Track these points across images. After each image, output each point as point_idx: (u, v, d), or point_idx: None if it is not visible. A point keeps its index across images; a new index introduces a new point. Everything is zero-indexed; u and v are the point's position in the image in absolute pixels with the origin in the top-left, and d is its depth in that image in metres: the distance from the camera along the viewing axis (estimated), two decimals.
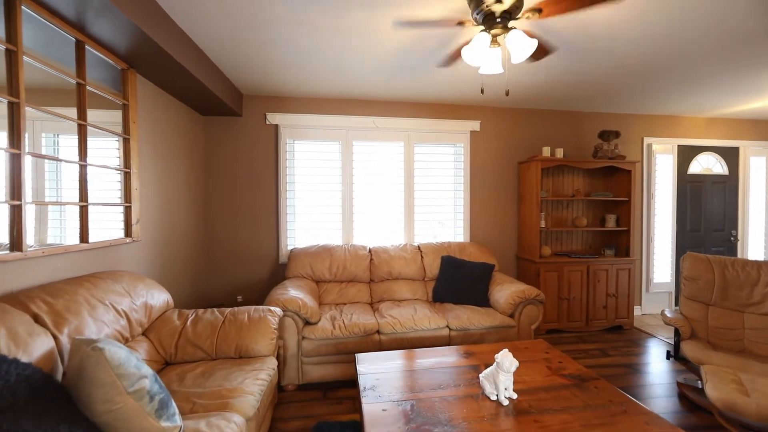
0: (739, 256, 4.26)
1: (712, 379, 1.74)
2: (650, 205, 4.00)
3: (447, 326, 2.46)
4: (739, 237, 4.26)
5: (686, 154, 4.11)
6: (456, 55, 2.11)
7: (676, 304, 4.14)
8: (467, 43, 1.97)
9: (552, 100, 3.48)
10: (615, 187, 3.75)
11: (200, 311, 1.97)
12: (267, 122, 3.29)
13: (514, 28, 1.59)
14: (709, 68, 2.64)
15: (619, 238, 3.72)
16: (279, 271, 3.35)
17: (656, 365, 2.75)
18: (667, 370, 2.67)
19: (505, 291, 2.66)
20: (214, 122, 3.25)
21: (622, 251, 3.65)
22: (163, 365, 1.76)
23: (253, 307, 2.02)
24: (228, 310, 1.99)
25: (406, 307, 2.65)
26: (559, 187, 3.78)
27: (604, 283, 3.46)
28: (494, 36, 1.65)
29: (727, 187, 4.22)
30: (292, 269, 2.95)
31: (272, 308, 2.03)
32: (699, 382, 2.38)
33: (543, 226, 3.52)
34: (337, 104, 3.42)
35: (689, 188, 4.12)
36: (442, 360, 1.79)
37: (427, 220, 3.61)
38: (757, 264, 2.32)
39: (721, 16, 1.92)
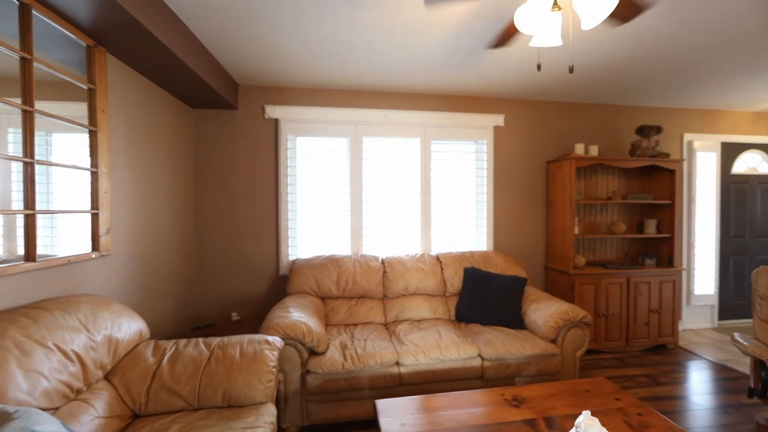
0: None
1: None
2: (691, 208, 3.60)
3: (479, 355, 2.07)
4: None
5: (730, 153, 3.72)
6: (510, 32, 1.70)
7: (720, 318, 3.74)
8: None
9: (585, 92, 3.09)
10: (654, 188, 3.36)
11: (181, 344, 1.58)
12: (266, 116, 2.92)
13: None
14: (757, 55, 2.26)
15: (660, 246, 3.32)
16: (279, 284, 2.97)
17: (722, 398, 2.35)
18: (737, 405, 2.27)
19: (544, 311, 2.27)
20: (206, 116, 2.87)
21: (664, 261, 3.26)
22: (130, 419, 1.37)
23: (247, 338, 1.64)
24: (216, 341, 1.60)
25: (428, 330, 2.26)
26: (592, 189, 3.39)
27: (646, 297, 3.06)
28: None
29: None
30: (295, 284, 2.57)
31: (270, 339, 1.64)
32: None
33: (577, 232, 3.13)
34: (345, 96, 3.04)
35: (733, 189, 3.73)
36: (485, 411, 1.40)
37: (446, 226, 3.22)
38: None
39: None
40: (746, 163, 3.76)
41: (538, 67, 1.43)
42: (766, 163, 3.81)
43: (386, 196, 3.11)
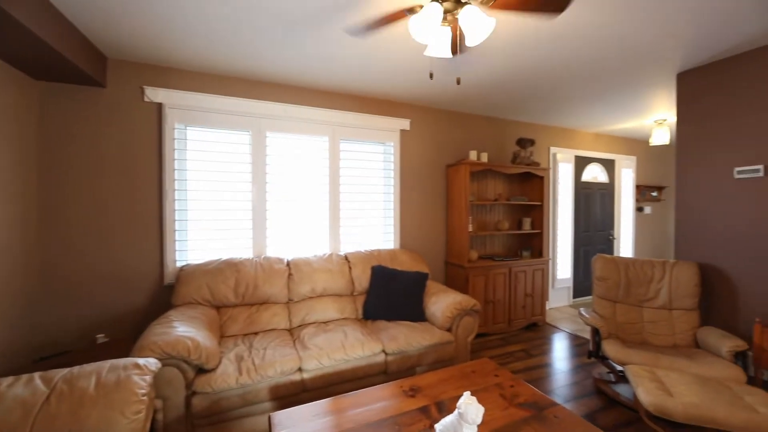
0: (615, 253, 5.02)
1: (638, 381, 1.79)
2: (555, 209, 4.39)
3: (383, 350, 2.13)
4: (615, 236, 5.03)
5: (580, 164, 4.65)
6: (377, 24, 1.75)
7: (574, 297, 4.64)
8: (391, 14, 1.65)
9: (479, 105, 3.48)
10: (529, 192, 3.97)
11: (4, 383, 1.22)
12: (146, 99, 2.48)
13: (469, 3, 1.34)
14: (598, 89, 2.92)
15: (533, 240, 3.95)
16: (164, 295, 2.56)
17: (573, 361, 2.91)
18: (582, 365, 2.84)
19: (442, 303, 2.47)
20: (59, 92, 2.30)
21: (536, 252, 3.89)
22: None
23: (108, 364, 1.35)
24: (61, 374, 1.28)
25: (335, 331, 2.24)
26: (483, 191, 3.84)
27: (523, 284, 3.61)
28: (446, 11, 1.37)
29: (607, 194, 4.93)
30: (182, 293, 2.25)
31: (142, 361, 1.39)
32: (610, 375, 2.55)
33: (471, 230, 3.50)
34: (248, 86, 2.79)
35: (582, 194, 4.67)
36: (384, 405, 1.44)
37: (356, 225, 3.24)
38: (651, 263, 2.60)
39: (614, 43, 2.04)
40: (591, 173, 4.76)
41: (431, 76, 1.53)
42: (603, 173, 4.89)
43: (293, 195, 2.97)
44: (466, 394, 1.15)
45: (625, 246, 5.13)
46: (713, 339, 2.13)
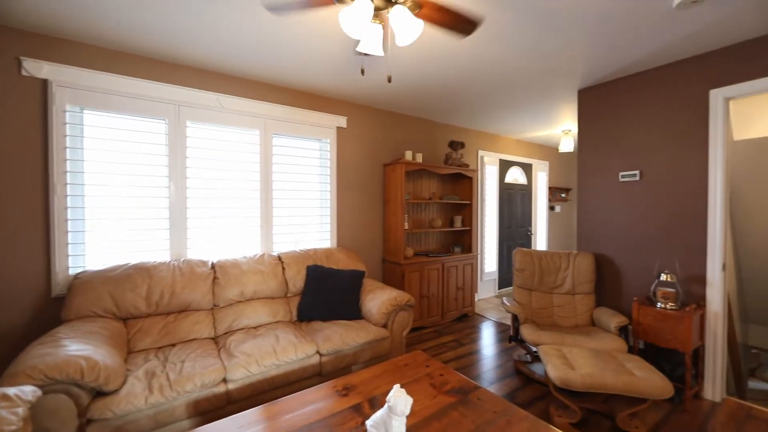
0: (533, 247, 5.63)
1: (547, 359, 2.02)
2: (482, 207, 4.75)
3: (317, 351, 2.07)
4: (533, 232, 5.63)
5: (504, 167, 5.11)
6: (301, 4, 1.68)
7: (499, 288, 5.09)
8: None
9: (412, 107, 3.60)
10: (460, 191, 4.24)
11: None
12: (23, 72, 2.05)
13: (398, 3, 1.37)
14: (515, 100, 3.25)
15: (464, 237, 4.23)
16: (52, 310, 2.15)
17: (497, 346, 3.18)
18: (505, 349, 3.12)
19: (378, 299, 2.49)
20: None
21: (467, 248, 4.17)
22: None
23: None
24: None
25: (265, 336, 2.11)
26: (418, 190, 3.98)
27: (455, 278, 3.84)
28: (377, 9, 1.38)
29: (526, 194, 5.50)
30: (77, 305, 1.91)
31: (11, 391, 1.14)
32: (527, 356, 2.85)
33: (406, 228, 3.61)
34: (164, 68, 2.49)
35: (506, 194, 5.14)
36: (316, 408, 1.40)
37: (290, 224, 3.11)
38: (559, 255, 2.96)
39: (527, 59, 2.30)
40: (512, 175, 5.26)
41: (362, 72, 1.53)
42: (523, 176, 5.44)
43: (220, 192, 2.74)
44: (396, 387, 1.17)
45: (541, 240, 5.78)
46: (604, 317, 2.51)
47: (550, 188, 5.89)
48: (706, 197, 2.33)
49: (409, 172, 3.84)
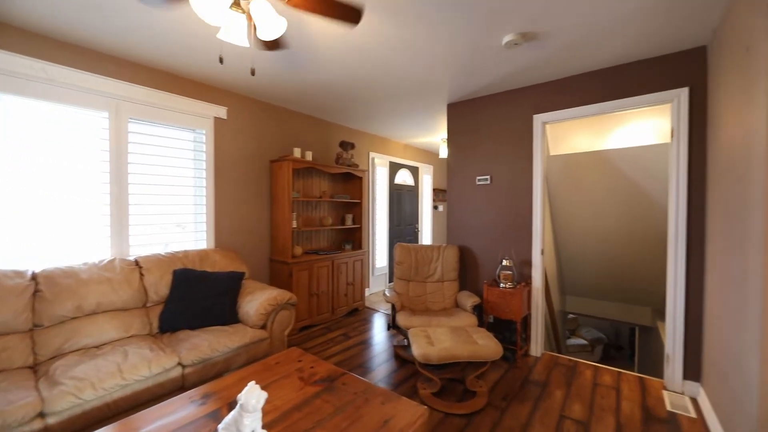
0: (420, 242, 6.21)
1: (414, 340, 2.28)
2: (373, 206, 5.01)
3: (179, 363, 1.87)
4: (420, 229, 6.22)
5: (393, 169, 5.49)
6: None
7: (389, 281, 5.45)
8: None
9: (302, 104, 3.56)
10: (351, 190, 4.38)
11: None
12: None
13: None
14: (395, 107, 3.58)
15: (355, 234, 4.39)
16: None
17: (381, 335, 3.41)
18: (388, 337, 3.37)
19: (257, 300, 2.39)
20: None
21: (357, 245, 4.34)
22: None
23: None
24: None
25: (110, 355, 1.80)
26: (309, 188, 3.96)
27: (345, 274, 3.95)
28: None
29: (413, 195, 6.03)
30: None
31: None
32: (405, 341, 3.14)
33: (295, 226, 3.55)
34: None
35: (395, 194, 5.54)
36: (164, 423, 1.27)
37: (155, 224, 2.71)
38: (431, 247, 3.36)
39: (405, 70, 2.58)
40: (401, 177, 5.70)
41: (220, 60, 1.45)
42: (411, 178, 5.95)
43: (49, 184, 2.20)
44: (250, 384, 1.15)
45: (426, 236, 6.42)
46: (464, 299, 2.96)
47: (434, 189, 6.59)
48: (531, 198, 2.98)
49: (298, 169, 3.78)
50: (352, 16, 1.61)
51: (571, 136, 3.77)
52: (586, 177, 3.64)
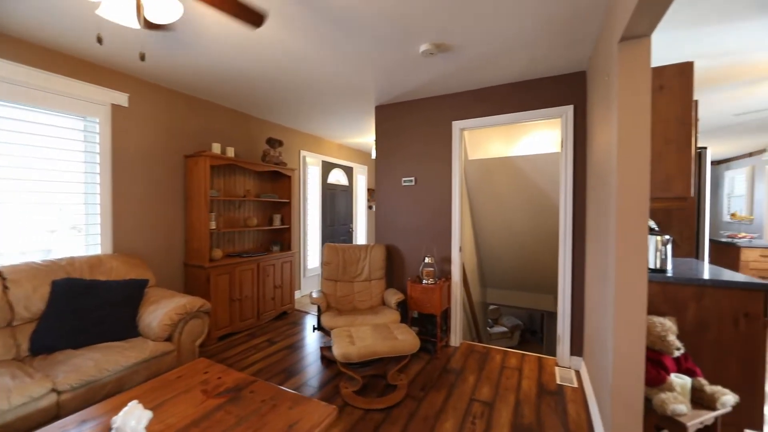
0: (354, 242, 6.24)
1: (336, 340, 2.28)
2: (305, 206, 4.89)
3: (53, 389, 1.60)
4: (354, 228, 6.24)
5: (326, 168, 5.42)
6: None
7: None
8: None
9: (223, 96, 3.31)
10: (279, 189, 4.21)
11: None
12: None
13: None
14: (322, 106, 3.57)
15: (283, 235, 4.23)
16: None
17: (310, 338, 3.34)
18: (317, 339, 3.32)
19: (162, 310, 2.16)
20: None
21: (286, 246, 4.19)
22: None
23: None
24: None
25: None
26: (230, 187, 3.70)
27: (272, 277, 3.79)
28: None
29: (348, 194, 6.03)
30: None
31: None
32: (331, 341, 3.12)
33: (214, 227, 3.29)
34: None
35: (328, 194, 5.48)
36: None
37: (28, 227, 2.28)
38: (359, 247, 3.39)
39: (332, 73, 2.58)
40: (335, 177, 5.66)
41: (99, 40, 1.27)
42: (345, 177, 5.94)
43: None
44: (131, 404, 1.04)
45: (361, 236, 6.47)
46: (389, 296, 3.05)
47: (368, 189, 6.67)
48: (451, 199, 3.19)
49: (218, 166, 3.51)
50: (255, 19, 1.55)
51: (486, 142, 4.13)
52: (499, 180, 4.02)
